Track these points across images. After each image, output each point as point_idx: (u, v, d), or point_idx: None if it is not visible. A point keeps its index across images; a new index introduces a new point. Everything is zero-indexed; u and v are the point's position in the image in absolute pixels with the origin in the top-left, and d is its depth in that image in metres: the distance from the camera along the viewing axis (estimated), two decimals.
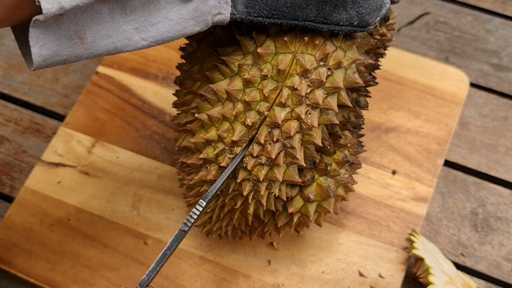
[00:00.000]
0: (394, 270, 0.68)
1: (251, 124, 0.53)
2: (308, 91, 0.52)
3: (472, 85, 0.82)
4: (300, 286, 0.67)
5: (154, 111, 0.79)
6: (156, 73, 0.82)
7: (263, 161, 0.54)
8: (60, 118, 0.82)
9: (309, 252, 0.69)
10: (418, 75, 0.80)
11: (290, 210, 0.57)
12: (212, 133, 0.55)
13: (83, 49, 0.46)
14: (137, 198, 0.73)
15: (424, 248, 0.66)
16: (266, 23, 0.51)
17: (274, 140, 0.53)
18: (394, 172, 0.73)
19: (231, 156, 0.54)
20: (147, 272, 0.51)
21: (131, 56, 0.83)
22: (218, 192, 0.55)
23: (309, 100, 0.52)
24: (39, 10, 0.42)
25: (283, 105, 0.52)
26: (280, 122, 0.52)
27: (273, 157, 0.53)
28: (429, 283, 0.61)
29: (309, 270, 0.68)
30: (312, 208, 0.58)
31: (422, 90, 0.79)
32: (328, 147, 0.56)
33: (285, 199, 0.56)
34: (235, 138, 0.53)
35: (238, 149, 0.54)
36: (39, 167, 0.76)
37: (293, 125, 0.53)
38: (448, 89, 0.79)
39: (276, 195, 0.56)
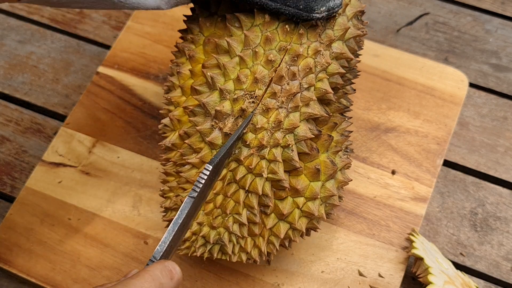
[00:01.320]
0: (393, 270, 0.68)
1: (273, 59, 0.55)
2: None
3: (472, 85, 0.83)
4: (300, 286, 0.68)
5: (154, 111, 0.79)
6: (157, 73, 0.82)
7: (280, 103, 0.55)
8: (61, 118, 0.82)
9: (309, 251, 0.69)
10: (418, 75, 0.80)
11: (298, 186, 0.57)
12: (229, 83, 0.56)
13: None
14: (138, 198, 0.73)
15: (423, 247, 0.66)
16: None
17: (291, 77, 0.55)
18: (393, 172, 0.74)
19: (251, 100, 0.55)
20: (159, 243, 0.49)
21: (131, 56, 0.83)
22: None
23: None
24: None
25: (300, 43, 0.56)
26: (301, 53, 0.55)
27: (294, 91, 0.55)
28: (429, 283, 0.62)
29: (309, 269, 0.68)
30: (318, 186, 0.58)
31: (422, 90, 0.79)
32: (333, 101, 0.59)
33: (297, 160, 0.56)
34: (258, 75, 0.55)
35: (259, 92, 0.55)
36: (39, 167, 0.76)
37: (310, 61, 0.56)
38: (448, 89, 0.79)
39: (292, 150, 0.55)
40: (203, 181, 0.52)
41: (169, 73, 0.64)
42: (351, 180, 0.63)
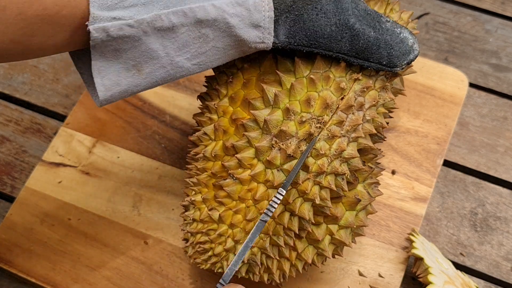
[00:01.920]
0: (393, 270, 0.68)
1: (344, 87, 0.55)
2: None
3: (472, 85, 0.83)
4: (300, 286, 0.68)
5: (154, 111, 0.79)
6: None
7: (345, 132, 0.55)
8: (61, 118, 0.82)
9: None
10: (418, 75, 0.80)
11: (338, 214, 0.57)
12: (295, 104, 0.55)
13: (141, 79, 0.52)
14: (138, 198, 0.73)
15: (423, 247, 0.66)
16: (304, 51, 0.55)
17: (358, 108, 0.56)
18: (393, 172, 0.74)
19: (318, 125, 0.55)
20: (229, 265, 0.52)
21: None
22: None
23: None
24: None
25: (369, 75, 0.57)
26: (370, 85, 0.56)
27: (360, 122, 0.55)
28: (429, 283, 0.62)
29: (308, 269, 0.68)
30: (352, 215, 0.58)
31: (422, 90, 0.79)
32: (380, 135, 0.60)
33: (346, 189, 0.56)
34: (329, 100, 0.55)
35: (326, 118, 0.55)
36: (40, 167, 0.76)
37: (376, 94, 0.57)
38: (448, 89, 0.79)
39: (343, 179, 0.56)
40: (276, 206, 0.54)
41: (209, 82, 0.62)
42: (376, 211, 0.65)
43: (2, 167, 0.79)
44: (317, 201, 0.55)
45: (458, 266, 0.71)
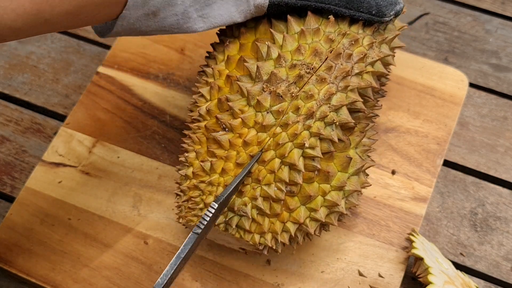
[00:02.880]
0: (393, 270, 0.68)
1: (333, 39, 0.58)
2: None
3: (471, 85, 0.83)
4: (300, 286, 0.68)
5: (154, 111, 0.79)
6: (157, 73, 0.82)
7: (333, 79, 0.57)
8: (61, 118, 0.82)
9: (308, 251, 0.69)
10: (418, 75, 0.80)
11: (329, 169, 0.57)
12: (287, 53, 0.58)
13: (153, 22, 0.55)
14: (138, 198, 0.73)
15: (423, 247, 0.66)
16: (299, 5, 0.58)
17: (346, 59, 0.58)
18: (393, 172, 0.74)
19: (308, 70, 0.57)
20: (161, 275, 0.51)
21: (131, 56, 0.83)
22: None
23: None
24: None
25: (357, 32, 0.60)
26: (358, 38, 0.59)
27: (348, 70, 0.57)
28: (429, 283, 0.62)
29: (308, 269, 0.68)
30: (345, 176, 0.59)
31: (422, 90, 0.79)
32: (371, 100, 0.61)
33: (336, 140, 0.57)
34: (318, 49, 0.57)
35: (316, 65, 0.57)
36: (39, 167, 0.76)
37: (364, 50, 0.59)
38: (448, 89, 0.79)
39: (332, 130, 0.57)
40: (207, 219, 0.54)
41: (209, 54, 0.65)
42: (370, 185, 0.65)
43: (2, 167, 0.79)
44: (307, 145, 0.55)
45: (458, 266, 0.71)
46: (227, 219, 0.58)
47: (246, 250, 0.65)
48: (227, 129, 0.58)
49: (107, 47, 0.87)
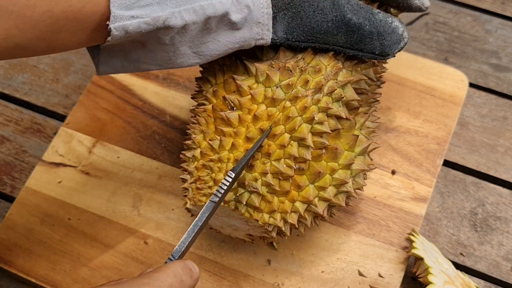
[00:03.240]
0: (393, 270, 0.68)
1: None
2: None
3: (471, 85, 0.83)
4: (300, 286, 0.68)
5: (154, 111, 0.79)
6: (157, 73, 0.82)
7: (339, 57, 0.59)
8: (61, 118, 0.82)
9: (309, 251, 0.69)
10: (418, 75, 0.80)
11: (337, 146, 0.57)
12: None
13: (143, 55, 0.55)
14: (138, 198, 0.73)
15: (423, 247, 0.66)
16: (303, 46, 0.57)
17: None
18: (393, 172, 0.74)
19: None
20: (179, 243, 0.51)
21: None
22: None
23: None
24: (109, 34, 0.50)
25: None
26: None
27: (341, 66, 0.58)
28: (429, 283, 0.62)
29: (308, 269, 0.68)
30: (352, 155, 0.59)
31: (422, 90, 0.79)
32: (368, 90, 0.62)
33: (344, 116, 0.57)
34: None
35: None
36: (39, 167, 0.76)
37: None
38: (448, 89, 0.79)
39: (340, 106, 0.57)
40: (225, 187, 0.54)
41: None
42: (375, 168, 0.65)
43: (2, 167, 0.79)
44: (316, 119, 0.56)
45: (458, 266, 0.71)
46: (237, 195, 0.57)
47: (253, 237, 0.64)
48: (235, 108, 0.58)
49: None
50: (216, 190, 0.54)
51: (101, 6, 0.49)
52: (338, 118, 0.58)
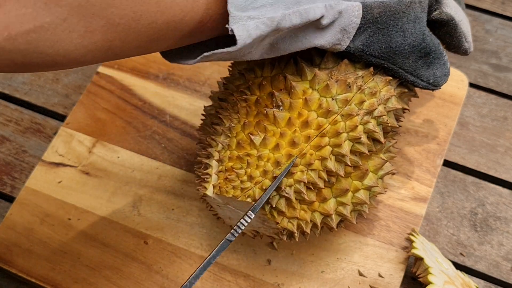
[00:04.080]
0: (393, 270, 0.68)
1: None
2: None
3: (472, 85, 0.83)
4: (300, 286, 0.68)
5: (154, 111, 0.79)
6: (157, 73, 0.82)
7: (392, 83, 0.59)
8: (61, 118, 0.82)
9: (309, 251, 0.69)
10: None
11: (366, 168, 0.58)
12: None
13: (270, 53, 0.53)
14: (138, 198, 0.73)
15: (423, 247, 0.66)
16: (372, 61, 0.57)
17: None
18: (393, 172, 0.74)
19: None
20: (189, 278, 0.52)
21: None
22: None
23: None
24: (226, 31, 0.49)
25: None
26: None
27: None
28: (429, 283, 0.62)
29: (309, 269, 0.68)
30: (375, 177, 0.59)
31: (422, 90, 0.79)
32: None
33: (382, 140, 0.58)
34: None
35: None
36: (39, 167, 0.76)
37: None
38: (448, 89, 0.79)
39: (380, 130, 0.58)
40: (243, 227, 0.54)
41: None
42: (387, 191, 0.66)
43: (2, 167, 0.79)
44: (362, 140, 0.56)
45: (458, 266, 0.71)
46: (270, 197, 0.56)
47: (257, 234, 0.64)
48: (281, 108, 0.57)
49: None
50: (233, 229, 0.54)
51: (200, 14, 0.48)
52: (375, 141, 0.58)
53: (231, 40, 0.50)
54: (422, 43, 0.57)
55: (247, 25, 0.48)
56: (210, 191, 0.57)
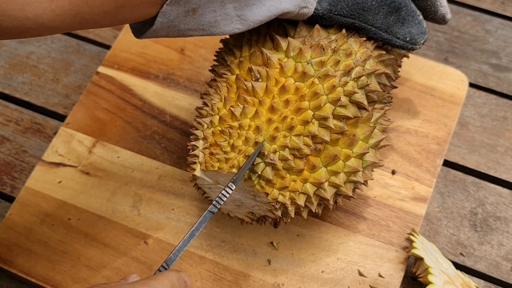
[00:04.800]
0: (393, 270, 0.68)
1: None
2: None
3: (471, 85, 0.83)
4: (300, 286, 0.68)
5: (154, 111, 0.79)
6: (157, 73, 0.82)
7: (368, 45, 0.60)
8: (61, 118, 0.82)
9: (309, 251, 0.69)
10: (418, 75, 0.80)
11: (355, 134, 0.58)
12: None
13: (191, 19, 0.53)
14: (138, 198, 0.73)
15: (423, 247, 0.66)
16: (343, 21, 0.58)
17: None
18: (393, 172, 0.74)
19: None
20: (173, 251, 0.51)
21: (131, 56, 0.83)
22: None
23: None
24: None
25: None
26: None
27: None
28: (429, 283, 0.62)
29: (309, 269, 0.68)
30: (366, 145, 0.59)
31: (422, 91, 0.79)
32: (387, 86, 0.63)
33: (366, 104, 0.58)
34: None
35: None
36: (39, 167, 0.76)
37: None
38: (448, 89, 0.79)
39: (363, 94, 0.58)
40: (225, 199, 0.54)
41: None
42: (383, 165, 0.67)
43: (2, 167, 0.79)
44: (342, 100, 0.56)
45: (458, 266, 0.71)
46: (254, 164, 0.56)
47: (254, 216, 0.63)
48: (260, 80, 0.58)
49: (107, 47, 0.87)
50: (215, 201, 0.54)
51: None
52: (359, 106, 0.58)
53: None
54: None
55: None
56: (198, 171, 0.58)
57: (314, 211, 0.61)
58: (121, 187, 0.74)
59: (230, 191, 0.54)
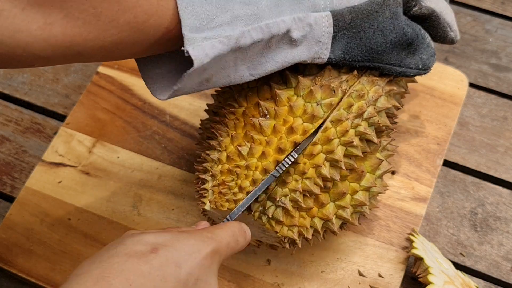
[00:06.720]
0: (393, 270, 0.68)
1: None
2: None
3: (471, 85, 0.83)
4: (300, 286, 0.68)
5: (154, 111, 0.79)
6: None
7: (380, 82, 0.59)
8: (61, 118, 0.82)
9: (309, 251, 0.69)
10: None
11: (363, 169, 0.58)
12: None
13: (205, 86, 0.53)
14: (138, 198, 0.73)
15: (423, 247, 0.66)
16: (357, 66, 0.57)
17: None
18: (393, 172, 0.74)
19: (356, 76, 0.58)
20: (237, 206, 0.55)
21: None
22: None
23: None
24: (181, 45, 0.48)
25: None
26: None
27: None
28: (429, 283, 0.62)
29: (308, 269, 0.68)
30: (373, 178, 0.59)
31: (422, 91, 0.79)
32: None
33: (375, 140, 0.58)
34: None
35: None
36: (39, 167, 0.76)
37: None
38: (448, 89, 0.79)
39: (373, 131, 0.58)
40: (286, 165, 0.55)
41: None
42: (388, 189, 0.66)
43: (2, 167, 0.79)
44: (354, 143, 0.56)
45: (458, 266, 0.71)
46: (266, 207, 0.57)
47: (261, 243, 0.64)
48: (268, 116, 0.57)
49: None
50: (278, 166, 0.55)
51: (165, 20, 0.48)
52: (368, 141, 0.58)
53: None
54: (404, 36, 0.57)
55: (203, 45, 0.48)
56: (208, 206, 0.59)
57: (320, 240, 0.62)
58: (121, 187, 0.74)
59: (292, 159, 0.55)
